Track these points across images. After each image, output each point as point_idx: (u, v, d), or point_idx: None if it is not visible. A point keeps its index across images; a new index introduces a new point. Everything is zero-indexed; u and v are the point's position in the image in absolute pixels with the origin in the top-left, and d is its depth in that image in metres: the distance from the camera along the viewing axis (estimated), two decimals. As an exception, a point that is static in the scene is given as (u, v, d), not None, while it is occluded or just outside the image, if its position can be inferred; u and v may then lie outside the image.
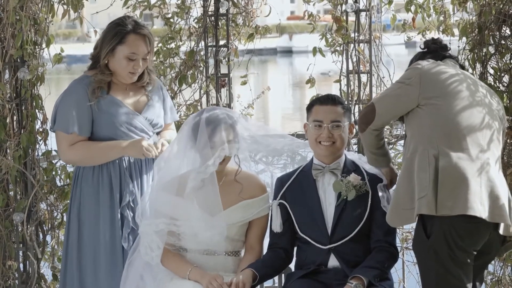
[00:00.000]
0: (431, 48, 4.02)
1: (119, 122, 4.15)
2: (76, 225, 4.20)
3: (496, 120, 3.76)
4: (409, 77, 3.78)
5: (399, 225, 3.67)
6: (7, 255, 4.68)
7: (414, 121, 3.75)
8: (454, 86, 3.75)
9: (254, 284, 3.94)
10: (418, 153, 3.67)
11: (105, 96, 4.16)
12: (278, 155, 4.45)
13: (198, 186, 4.00)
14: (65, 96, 4.17)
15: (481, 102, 3.74)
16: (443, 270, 3.63)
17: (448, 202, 3.57)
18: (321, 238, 4.00)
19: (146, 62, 4.19)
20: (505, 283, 4.64)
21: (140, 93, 4.27)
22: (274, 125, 14.84)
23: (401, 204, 3.69)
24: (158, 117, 4.31)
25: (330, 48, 5.12)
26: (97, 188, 4.17)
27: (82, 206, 4.19)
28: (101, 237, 4.17)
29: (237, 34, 5.34)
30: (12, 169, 4.58)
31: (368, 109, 3.85)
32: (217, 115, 4.03)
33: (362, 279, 3.84)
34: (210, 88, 5.31)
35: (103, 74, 4.15)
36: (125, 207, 4.18)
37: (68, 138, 4.13)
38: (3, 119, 4.61)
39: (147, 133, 4.24)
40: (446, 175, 3.59)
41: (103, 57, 4.13)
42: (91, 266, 4.18)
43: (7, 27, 4.56)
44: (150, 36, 4.19)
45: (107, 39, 4.13)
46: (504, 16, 4.48)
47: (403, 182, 3.71)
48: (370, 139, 3.88)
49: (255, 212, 4.09)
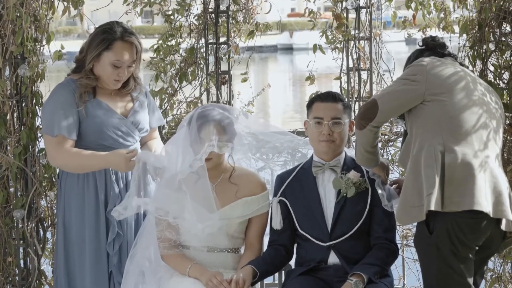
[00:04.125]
0: (429, 45, 4.02)
1: (106, 126, 4.12)
2: (62, 229, 4.18)
3: (494, 119, 3.76)
4: (414, 73, 3.76)
5: (408, 223, 3.67)
6: (8, 251, 4.69)
7: (419, 118, 3.75)
8: (457, 84, 3.75)
9: (254, 281, 3.94)
10: (424, 150, 3.67)
11: (92, 100, 4.13)
12: (278, 152, 4.45)
13: (194, 179, 4.00)
14: (51, 100, 4.12)
15: (478, 101, 3.75)
16: (445, 265, 3.64)
17: (455, 198, 3.58)
18: (321, 235, 4.00)
19: (131, 69, 4.16)
20: (505, 279, 4.64)
21: (126, 97, 4.24)
22: (274, 122, 14.83)
23: (409, 201, 3.68)
24: (144, 122, 4.28)
25: (330, 45, 5.13)
26: (82, 190, 4.14)
27: (68, 209, 4.16)
28: (86, 241, 4.14)
29: (238, 31, 5.34)
30: (12, 166, 4.58)
31: (369, 106, 3.81)
32: (208, 113, 4.02)
33: (362, 276, 3.85)
34: (211, 85, 5.31)
35: (88, 78, 4.10)
36: (111, 212, 4.14)
37: (54, 141, 4.07)
38: (3, 116, 4.61)
39: (133, 137, 4.21)
40: (453, 171, 3.60)
41: (89, 62, 4.09)
42: (78, 269, 4.16)
43: (7, 24, 4.55)
44: (137, 44, 4.14)
45: (94, 44, 4.09)
46: (504, 13, 4.48)
47: (410, 180, 3.70)
48: (368, 136, 3.86)
49: (254, 209, 4.09)
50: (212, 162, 4.01)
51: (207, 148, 3.94)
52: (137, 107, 4.26)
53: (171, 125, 5.31)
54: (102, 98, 4.16)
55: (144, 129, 4.30)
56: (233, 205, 4.06)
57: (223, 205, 4.04)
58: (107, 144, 4.13)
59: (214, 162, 4.02)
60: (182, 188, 3.99)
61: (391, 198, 4.03)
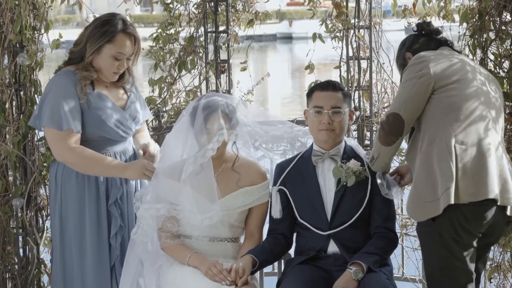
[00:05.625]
0: (425, 30, 4.01)
1: (108, 119, 4.10)
2: (59, 222, 4.15)
3: (493, 109, 3.75)
4: (419, 70, 3.73)
5: (424, 218, 3.65)
6: (7, 240, 4.68)
7: (426, 112, 3.73)
8: (458, 74, 3.74)
9: (254, 270, 3.94)
10: (435, 144, 3.65)
11: (93, 92, 4.11)
12: (277, 141, 4.44)
13: (197, 171, 4.00)
14: (52, 92, 4.06)
15: (476, 92, 3.74)
16: (447, 253, 3.64)
17: (471, 189, 3.59)
18: (320, 224, 4.00)
19: (130, 62, 4.15)
20: (504, 268, 4.65)
21: (120, 90, 4.24)
22: (273, 111, 14.81)
23: (423, 197, 3.65)
24: (139, 114, 4.28)
25: (330, 34, 5.12)
26: (82, 182, 4.11)
27: (64, 201, 4.13)
28: (87, 233, 4.12)
29: (237, 20, 5.33)
30: (11, 155, 4.58)
31: (392, 121, 3.73)
32: (215, 101, 4.02)
33: (361, 265, 3.85)
34: (210, 74, 5.30)
35: (88, 71, 4.08)
36: (113, 204, 4.14)
37: (61, 135, 4.02)
38: (2, 104, 4.60)
39: (131, 129, 4.21)
40: (466, 162, 3.60)
41: (90, 54, 4.07)
42: (76, 263, 4.14)
43: (6, 12, 4.54)
44: (137, 36, 4.13)
45: (94, 36, 4.06)
46: (504, 2, 4.46)
47: (422, 175, 3.67)
48: (396, 148, 3.82)
49: (255, 199, 4.09)
50: (219, 152, 4.01)
51: (219, 137, 3.94)
52: (133, 99, 4.26)
53: (170, 114, 5.31)
54: (101, 90, 4.15)
55: (140, 122, 4.30)
56: (234, 195, 4.06)
57: (224, 195, 4.04)
58: (108, 136, 4.12)
59: (220, 152, 4.02)
60: (185, 179, 3.98)
61: (391, 186, 4.02)
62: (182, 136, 4.08)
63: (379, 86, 5.21)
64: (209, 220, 3.98)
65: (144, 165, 4.05)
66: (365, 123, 5.09)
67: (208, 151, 3.96)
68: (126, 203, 4.20)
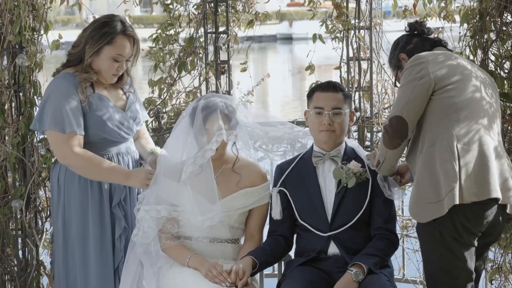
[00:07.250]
0: (417, 30, 4.00)
1: (110, 120, 4.10)
2: (62, 225, 4.13)
3: (490, 112, 3.74)
4: (418, 72, 3.72)
5: (427, 220, 3.64)
6: (6, 242, 4.68)
7: (425, 114, 3.72)
8: (458, 75, 3.73)
9: (254, 271, 3.93)
10: (437, 145, 3.64)
11: (93, 94, 4.10)
12: (278, 142, 4.43)
13: (197, 171, 3.99)
14: (54, 95, 4.05)
15: (474, 95, 3.73)
16: (448, 252, 3.64)
17: (473, 188, 3.59)
18: (321, 225, 3.99)
19: (129, 63, 4.15)
20: (505, 270, 4.63)
21: (119, 91, 4.24)
22: (273, 112, 14.82)
23: (426, 198, 3.65)
24: (139, 114, 4.28)
25: (330, 34, 5.11)
26: (85, 185, 4.10)
27: (67, 204, 4.12)
28: (90, 235, 4.11)
29: (237, 20, 5.32)
30: (10, 156, 4.57)
31: (396, 124, 3.72)
32: (214, 102, 4.01)
33: (362, 267, 3.84)
34: (210, 75, 5.29)
35: (87, 73, 4.07)
36: (116, 206, 4.13)
37: (64, 138, 4.01)
38: (2, 105, 4.60)
39: (132, 130, 4.21)
40: (468, 162, 3.60)
41: (89, 56, 4.05)
42: (79, 265, 4.12)
43: (5, 13, 4.53)
44: (136, 37, 4.13)
45: (93, 38, 4.05)
46: (505, 2, 4.45)
47: (424, 176, 3.66)
48: (401, 150, 3.82)
49: (255, 200, 4.08)
50: (218, 152, 4.00)
51: (218, 137, 3.94)
52: (132, 99, 4.26)
53: (170, 115, 5.30)
54: (101, 91, 4.14)
55: (140, 122, 4.30)
56: (234, 196, 4.05)
57: (224, 196, 4.03)
58: (110, 137, 4.12)
59: (219, 152, 4.01)
60: (185, 179, 3.97)
61: (392, 187, 4.02)
62: (182, 137, 4.07)
63: (379, 87, 5.20)
64: (210, 221, 3.97)
65: (147, 174, 4.04)
66: (365, 124, 5.08)
67: (207, 152, 3.95)
68: (130, 204, 4.19)
